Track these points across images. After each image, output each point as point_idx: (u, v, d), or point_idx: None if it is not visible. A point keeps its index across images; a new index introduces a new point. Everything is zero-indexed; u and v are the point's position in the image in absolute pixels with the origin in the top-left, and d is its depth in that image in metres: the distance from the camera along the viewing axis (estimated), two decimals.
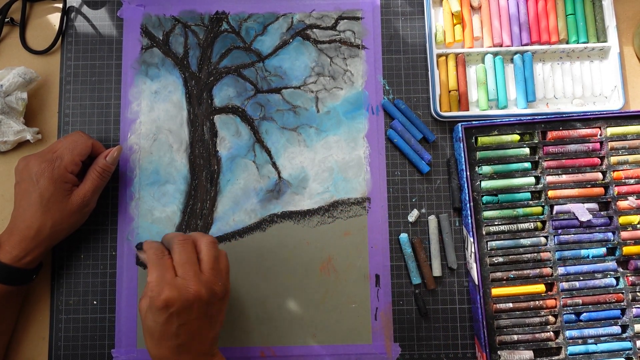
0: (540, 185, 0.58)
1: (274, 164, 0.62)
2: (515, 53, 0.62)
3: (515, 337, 0.56)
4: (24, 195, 0.53)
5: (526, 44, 0.62)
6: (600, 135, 0.59)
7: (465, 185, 0.58)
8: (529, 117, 0.59)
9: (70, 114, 0.62)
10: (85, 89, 0.63)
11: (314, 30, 0.64)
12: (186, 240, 0.49)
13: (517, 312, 0.56)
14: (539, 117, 0.59)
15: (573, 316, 0.57)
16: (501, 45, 0.63)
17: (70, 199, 0.54)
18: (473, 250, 0.57)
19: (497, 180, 0.58)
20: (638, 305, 0.57)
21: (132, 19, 0.64)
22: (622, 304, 0.57)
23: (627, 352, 0.56)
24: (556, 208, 0.58)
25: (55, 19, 0.64)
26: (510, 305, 0.57)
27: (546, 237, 0.58)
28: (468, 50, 0.62)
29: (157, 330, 0.47)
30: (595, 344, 0.56)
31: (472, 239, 0.57)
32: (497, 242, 0.58)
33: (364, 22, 0.64)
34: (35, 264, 0.54)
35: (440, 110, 0.61)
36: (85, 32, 0.64)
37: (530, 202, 0.58)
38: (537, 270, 0.57)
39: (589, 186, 0.58)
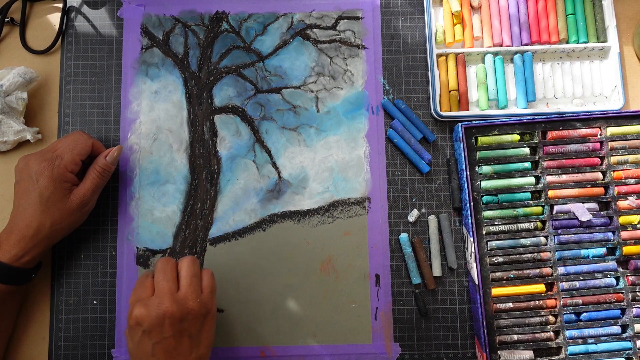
0: (540, 185, 0.58)
1: (274, 164, 0.62)
2: (515, 53, 0.62)
3: (515, 337, 0.56)
4: (23, 194, 0.53)
5: (526, 44, 0.62)
6: (600, 135, 0.59)
7: (465, 185, 0.58)
8: (529, 117, 0.59)
9: (70, 114, 0.62)
10: (85, 89, 0.63)
11: (314, 30, 0.64)
12: (167, 260, 0.50)
13: (517, 312, 0.56)
14: (539, 117, 0.59)
15: (573, 316, 0.57)
16: (501, 45, 0.63)
17: (69, 198, 0.54)
18: (473, 250, 0.57)
19: (497, 180, 0.58)
20: (638, 305, 0.57)
21: (132, 19, 0.64)
22: (622, 303, 0.57)
23: (627, 352, 0.56)
24: (556, 208, 0.58)
25: (55, 18, 0.64)
26: (510, 305, 0.56)
27: (546, 237, 0.58)
28: (468, 50, 0.62)
29: (135, 350, 0.46)
30: (595, 343, 0.56)
31: (472, 239, 0.57)
32: (497, 242, 0.58)
33: (364, 22, 0.64)
34: (34, 264, 0.54)
35: (440, 110, 0.61)
36: (85, 32, 0.64)
37: (530, 202, 0.58)
38: (537, 270, 0.57)
39: (589, 186, 0.58)
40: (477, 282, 0.56)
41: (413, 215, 0.60)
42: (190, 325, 0.47)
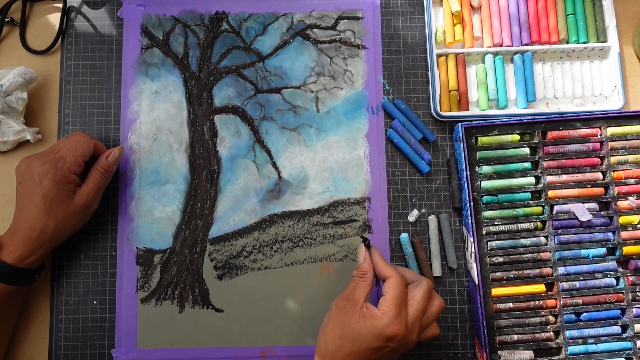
0: (540, 185, 0.58)
1: (274, 164, 0.62)
2: (515, 53, 0.62)
3: (515, 337, 0.56)
4: (26, 195, 0.53)
5: (526, 44, 0.62)
6: (600, 135, 0.59)
7: (465, 185, 0.58)
8: (529, 117, 0.59)
9: (70, 114, 0.62)
10: (85, 89, 0.63)
11: (314, 30, 0.64)
12: (431, 290, 0.49)
13: (517, 312, 0.56)
14: (539, 117, 0.59)
15: (573, 316, 0.57)
16: (501, 45, 0.63)
17: (73, 199, 0.54)
18: (473, 250, 0.57)
19: (497, 180, 0.58)
20: (638, 305, 0.57)
21: (132, 19, 0.64)
22: (622, 304, 0.57)
23: (627, 352, 0.56)
24: (556, 208, 0.58)
25: (55, 18, 0.64)
26: (510, 305, 0.56)
27: (546, 237, 0.58)
28: (468, 50, 0.62)
29: (359, 346, 0.46)
30: (595, 344, 0.56)
31: (472, 239, 0.57)
32: (497, 242, 0.58)
33: (364, 22, 0.64)
34: (38, 264, 0.54)
35: (440, 110, 0.61)
36: (85, 32, 0.64)
37: (530, 202, 0.58)
38: (537, 270, 0.57)
39: (589, 186, 0.58)
40: (477, 282, 0.56)
41: (413, 215, 0.60)
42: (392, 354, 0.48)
